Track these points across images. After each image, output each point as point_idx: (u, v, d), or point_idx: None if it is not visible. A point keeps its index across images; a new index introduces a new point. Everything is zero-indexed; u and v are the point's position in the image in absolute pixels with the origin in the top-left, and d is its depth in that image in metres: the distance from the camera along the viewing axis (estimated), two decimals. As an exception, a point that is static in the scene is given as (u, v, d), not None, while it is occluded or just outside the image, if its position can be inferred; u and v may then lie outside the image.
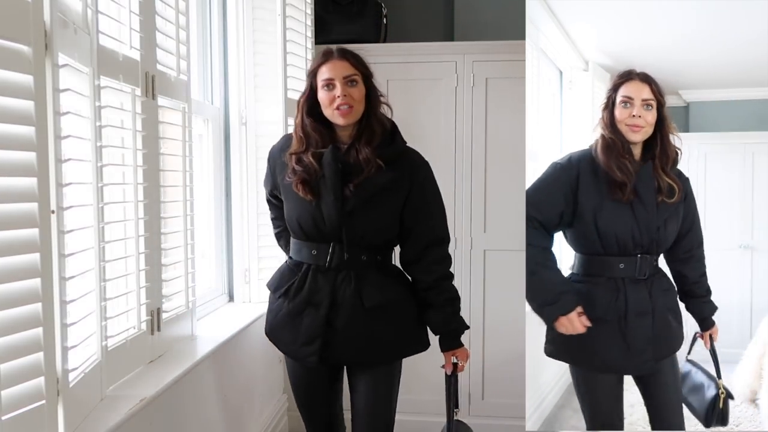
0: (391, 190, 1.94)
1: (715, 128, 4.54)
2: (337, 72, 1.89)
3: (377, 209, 1.93)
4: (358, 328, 1.94)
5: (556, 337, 2.05)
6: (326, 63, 1.91)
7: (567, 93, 4.15)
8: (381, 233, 1.97)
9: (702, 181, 4.44)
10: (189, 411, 2.12)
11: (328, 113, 1.91)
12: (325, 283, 1.95)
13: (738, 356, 3.69)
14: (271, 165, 2.09)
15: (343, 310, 1.94)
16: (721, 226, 4.40)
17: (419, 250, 1.99)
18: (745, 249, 4.40)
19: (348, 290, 1.93)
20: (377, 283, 1.96)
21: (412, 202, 1.97)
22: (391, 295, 1.98)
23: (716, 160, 4.45)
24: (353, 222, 1.92)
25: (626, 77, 1.98)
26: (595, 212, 1.93)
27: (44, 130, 1.33)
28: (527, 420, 3.17)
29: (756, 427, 3.29)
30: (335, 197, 1.89)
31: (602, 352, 2.01)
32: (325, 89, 1.90)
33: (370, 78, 1.96)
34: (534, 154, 3.28)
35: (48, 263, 1.35)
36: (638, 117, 1.92)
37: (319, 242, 1.95)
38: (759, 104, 4.52)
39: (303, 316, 1.97)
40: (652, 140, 1.96)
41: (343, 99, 1.87)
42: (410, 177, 1.96)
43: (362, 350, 1.97)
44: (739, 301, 4.37)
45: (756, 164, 4.40)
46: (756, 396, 3.45)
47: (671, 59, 4.09)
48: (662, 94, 1.98)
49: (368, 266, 1.96)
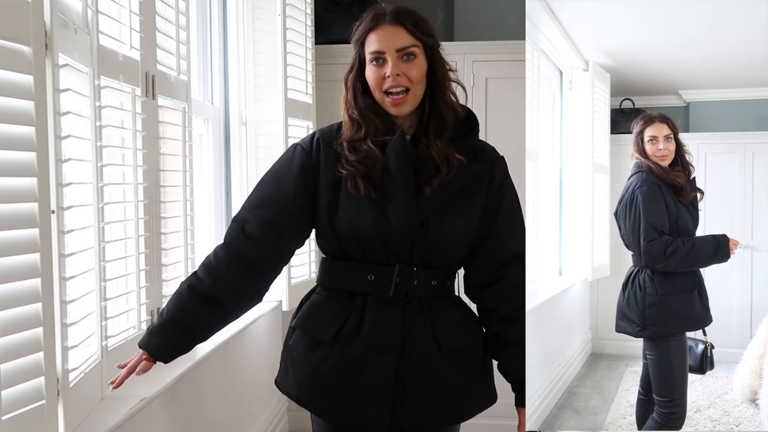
0: (471, 192, 1.52)
1: (715, 128, 4.54)
2: (388, 43, 1.44)
3: (458, 215, 1.50)
4: (436, 381, 1.50)
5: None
6: (375, 29, 1.46)
7: (567, 93, 4.15)
8: (460, 248, 1.54)
9: (702, 182, 4.44)
10: (189, 411, 2.12)
11: (377, 96, 1.47)
12: (393, 320, 1.48)
13: (738, 356, 3.69)
14: (313, 155, 1.52)
15: (416, 356, 1.48)
16: (721, 226, 4.39)
17: (493, 269, 1.55)
18: (745, 249, 4.39)
19: (423, 329, 1.49)
20: (454, 319, 1.55)
21: (489, 207, 1.55)
22: (472, 333, 1.57)
23: (716, 160, 4.44)
24: (428, 234, 1.48)
25: (648, 121, 2.50)
26: (676, 216, 2.44)
27: (44, 130, 1.32)
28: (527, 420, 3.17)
29: (756, 427, 3.29)
30: (408, 201, 1.45)
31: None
32: (374, 64, 1.46)
33: (436, 48, 1.50)
34: (534, 155, 3.28)
35: (48, 263, 1.35)
36: (664, 149, 2.47)
37: (379, 264, 1.48)
38: (759, 104, 4.52)
39: (364, 366, 1.47)
40: (676, 160, 2.51)
41: (395, 80, 1.44)
42: (489, 175, 1.55)
43: (441, 409, 1.52)
44: (739, 301, 4.37)
45: (756, 164, 4.40)
46: (756, 396, 3.45)
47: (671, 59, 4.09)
48: (677, 128, 2.51)
49: (439, 295, 1.54)
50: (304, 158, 1.53)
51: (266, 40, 2.90)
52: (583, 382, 4.01)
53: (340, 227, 1.49)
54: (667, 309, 2.48)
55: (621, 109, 4.56)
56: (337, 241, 1.51)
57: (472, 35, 3.64)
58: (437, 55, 1.50)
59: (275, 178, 1.56)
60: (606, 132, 4.28)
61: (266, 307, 2.88)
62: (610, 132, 4.34)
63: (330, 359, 1.49)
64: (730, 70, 4.21)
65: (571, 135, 4.16)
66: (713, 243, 2.46)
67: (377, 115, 1.48)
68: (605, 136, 4.26)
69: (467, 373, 1.56)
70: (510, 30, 3.39)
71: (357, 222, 1.47)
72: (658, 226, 2.38)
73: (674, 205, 2.43)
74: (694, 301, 2.53)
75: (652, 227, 2.37)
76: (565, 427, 3.34)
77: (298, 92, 2.91)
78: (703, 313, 2.58)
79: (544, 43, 3.60)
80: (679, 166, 2.49)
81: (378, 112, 1.49)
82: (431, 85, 1.50)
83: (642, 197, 2.42)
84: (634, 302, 2.51)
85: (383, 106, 1.48)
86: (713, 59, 4.04)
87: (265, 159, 2.91)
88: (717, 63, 4.09)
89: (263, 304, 2.93)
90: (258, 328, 2.82)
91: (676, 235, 2.42)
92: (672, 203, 2.43)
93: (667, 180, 2.46)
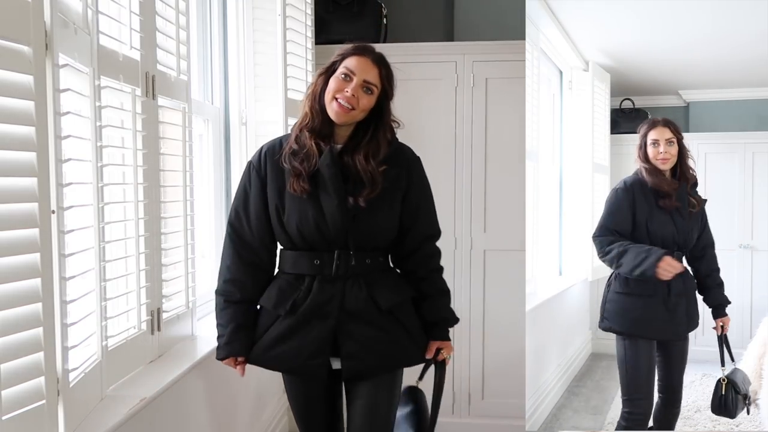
0: (393, 189, 1.89)
1: (715, 128, 4.55)
2: (361, 71, 1.81)
3: (382, 211, 1.88)
4: (378, 334, 1.87)
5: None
6: (359, 56, 1.83)
7: (567, 93, 4.15)
8: (386, 234, 1.92)
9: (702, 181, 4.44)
10: (189, 411, 2.12)
11: (326, 99, 1.82)
12: (334, 293, 1.86)
13: (738, 356, 3.69)
14: (262, 169, 1.91)
15: (357, 318, 1.86)
16: (721, 226, 4.39)
17: (416, 244, 1.96)
18: (745, 249, 4.40)
19: (360, 297, 1.86)
20: (387, 285, 1.91)
21: (411, 199, 1.94)
22: (403, 294, 1.94)
23: (716, 160, 4.45)
24: (359, 226, 1.85)
25: (652, 125, 2.59)
26: (647, 220, 2.53)
27: (44, 130, 1.33)
28: (527, 420, 3.17)
29: (756, 427, 3.29)
30: (339, 201, 1.82)
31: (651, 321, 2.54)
32: (342, 77, 1.82)
33: (389, 98, 1.89)
34: (534, 154, 3.28)
35: (48, 263, 1.35)
36: (665, 152, 2.54)
37: (323, 251, 1.85)
38: (759, 104, 4.52)
39: (309, 329, 1.86)
40: (676, 167, 2.59)
41: (349, 98, 1.80)
42: (407, 173, 1.93)
43: (384, 357, 1.89)
44: (739, 301, 4.36)
45: (756, 164, 4.41)
46: (756, 396, 3.45)
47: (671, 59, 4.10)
48: (680, 132, 2.59)
49: (373, 269, 1.90)
50: (256, 175, 1.92)
51: (266, 40, 2.90)
52: (583, 382, 4.02)
53: (289, 227, 1.87)
54: (620, 307, 2.59)
55: (621, 109, 4.56)
56: (288, 238, 1.89)
57: (472, 35, 3.64)
58: (387, 100, 1.89)
59: (246, 196, 1.94)
60: (606, 132, 4.28)
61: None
62: (610, 132, 4.34)
63: (283, 325, 1.88)
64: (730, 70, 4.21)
65: (571, 135, 4.16)
66: (642, 255, 2.41)
67: (324, 115, 1.85)
68: (605, 136, 4.27)
69: (402, 328, 1.91)
70: (510, 30, 3.39)
71: (301, 222, 1.85)
72: (610, 225, 2.55)
73: (648, 210, 2.52)
74: (654, 307, 2.53)
75: (603, 225, 2.57)
76: (565, 427, 3.34)
77: (298, 92, 2.91)
78: (670, 324, 2.56)
79: (544, 43, 3.60)
80: (678, 171, 2.58)
81: (326, 115, 1.85)
82: (376, 120, 1.87)
83: (608, 197, 2.62)
84: (603, 296, 2.68)
85: (327, 107, 1.84)
86: (713, 59, 4.05)
87: (265, 159, 2.91)
88: (717, 63, 4.10)
89: (263, 304, 2.95)
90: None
91: (645, 239, 2.51)
92: (646, 207, 2.52)
93: (651, 184, 2.53)
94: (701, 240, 2.67)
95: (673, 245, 2.54)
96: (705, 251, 2.70)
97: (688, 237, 2.57)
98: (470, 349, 3.27)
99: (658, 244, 2.49)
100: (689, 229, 2.57)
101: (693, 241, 2.61)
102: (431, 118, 3.24)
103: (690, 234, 2.58)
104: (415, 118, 3.15)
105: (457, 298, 3.24)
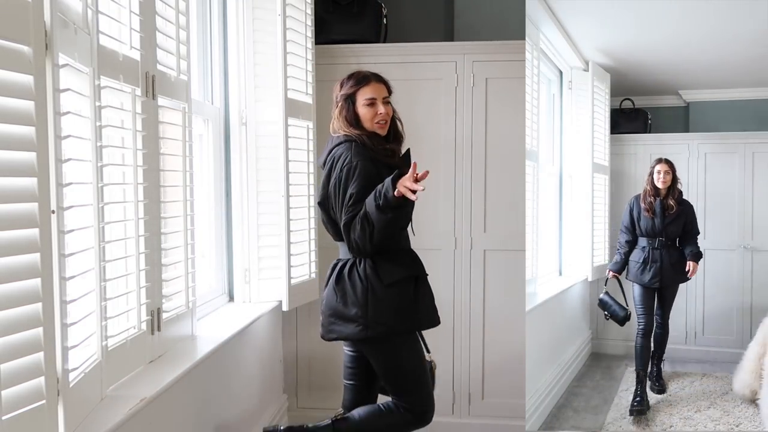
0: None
1: (715, 128, 4.54)
2: (378, 93, 2.31)
3: None
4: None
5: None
6: (368, 85, 2.31)
7: (567, 93, 4.15)
8: None
9: (702, 181, 4.45)
10: (189, 411, 2.12)
11: (368, 126, 2.30)
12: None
13: (738, 356, 3.70)
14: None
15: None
16: (721, 226, 4.40)
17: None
18: (745, 249, 4.40)
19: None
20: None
21: None
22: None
23: (716, 160, 4.45)
24: None
25: (657, 162, 3.77)
26: (637, 219, 3.83)
27: (44, 130, 1.33)
28: (527, 420, 3.17)
29: (756, 427, 3.29)
30: None
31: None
32: (368, 107, 2.29)
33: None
34: (533, 154, 3.28)
35: (48, 263, 1.35)
36: (664, 180, 3.74)
37: None
38: (759, 104, 4.52)
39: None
40: (670, 187, 3.79)
41: (384, 115, 2.30)
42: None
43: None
44: (739, 301, 4.37)
45: (756, 164, 4.40)
46: (756, 396, 3.45)
47: (671, 59, 4.10)
48: (674, 168, 3.79)
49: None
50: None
51: (266, 40, 2.90)
52: (583, 382, 4.01)
53: None
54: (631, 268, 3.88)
55: (621, 109, 4.56)
56: None
57: (472, 35, 3.64)
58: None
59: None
60: (606, 132, 4.28)
61: (266, 307, 2.88)
62: (609, 132, 4.34)
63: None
64: (730, 70, 4.21)
65: (571, 135, 4.16)
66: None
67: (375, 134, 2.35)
68: (605, 136, 4.26)
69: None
70: (510, 30, 3.39)
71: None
72: (625, 223, 3.86)
73: (638, 213, 3.80)
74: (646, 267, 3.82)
75: (622, 223, 3.88)
76: (565, 427, 3.34)
77: (298, 92, 2.91)
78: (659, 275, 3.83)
79: (544, 43, 3.61)
80: (671, 193, 3.79)
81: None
82: (393, 115, 2.38)
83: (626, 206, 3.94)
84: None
85: (372, 129, 2.31)
86: (713, 59, 4.05)
87: (265, 159, 2.91)
88: (717, 63, 4.10)
89: (263, 304, 2.95)
90: (258, 328, 2.82)
91: (638, 232, 3.84)
92: (637, 212, 3.81)
93: (643, 201, 3.78)
94: (686, 231, 3.79)
95: (653, 235, 3.78)
96: (691, 238, 3.80)
97: (668, 230, 3.77)
98: (470, 349, 3.27)
99: (643, 234, 3.78)
100: (662, 224, 3.75)
101: (677, 233, 3.77)
102: (431, 118, 3.24)
103: (667, 228, 3.76)
104: (415, 117, 3.15)
105: (457, 298, 3.24)
